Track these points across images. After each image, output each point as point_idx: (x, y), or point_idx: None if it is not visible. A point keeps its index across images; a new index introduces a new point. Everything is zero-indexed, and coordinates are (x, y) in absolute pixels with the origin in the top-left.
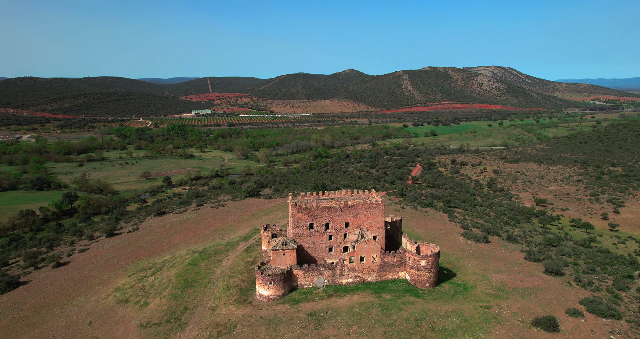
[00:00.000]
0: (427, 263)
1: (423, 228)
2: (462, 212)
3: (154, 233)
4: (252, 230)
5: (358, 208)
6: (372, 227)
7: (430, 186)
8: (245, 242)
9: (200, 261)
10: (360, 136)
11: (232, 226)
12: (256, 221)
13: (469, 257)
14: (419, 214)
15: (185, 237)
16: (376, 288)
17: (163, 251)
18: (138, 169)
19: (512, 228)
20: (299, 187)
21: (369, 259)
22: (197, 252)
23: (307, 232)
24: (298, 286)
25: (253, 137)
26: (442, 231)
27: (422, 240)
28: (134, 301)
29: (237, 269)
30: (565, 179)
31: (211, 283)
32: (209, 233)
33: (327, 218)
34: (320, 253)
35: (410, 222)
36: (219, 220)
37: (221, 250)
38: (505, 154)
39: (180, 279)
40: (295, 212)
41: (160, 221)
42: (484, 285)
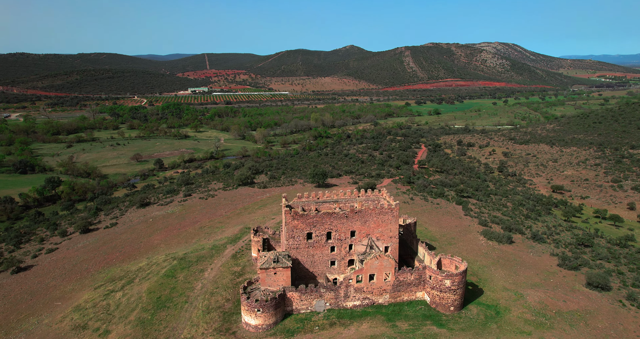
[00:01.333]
0: (453, 283)
1: (437, 225)
2: (477, 204)
3: (133, 230)
4: (242, 229)
5: (367, 214)
6: (384, 236)
7: (438, 171)
8: (234, 245)
9: (179, 271)
10: (361, 115)
11: (221, 223)
12: (248, 216)
13: (495, 264)
14: (430, 206)
15: (166, 236)
16: (389, 313)
17: (140, 254)
18: (129, 151)
19: (533, 222)
20: (297, 174)
21: (380, 278)
22: (176, 259)
23: (304, 244)
24: (293, 310)
25: (250, 117)
26: (459, 228)
27: (438, 241)
28: (92, 328)
29: (221, 283)
30: (581, 162)
31: (189, 302)
32: (193, 232)
33: (328, 226)
34: (320, 267)
35: (422, 218)
36: (207, 215)
37: (205, 256)
38: (514, 134)
39: (153, 297)
40: (289, 220)
41: (142, 214)
42: (520, 307)
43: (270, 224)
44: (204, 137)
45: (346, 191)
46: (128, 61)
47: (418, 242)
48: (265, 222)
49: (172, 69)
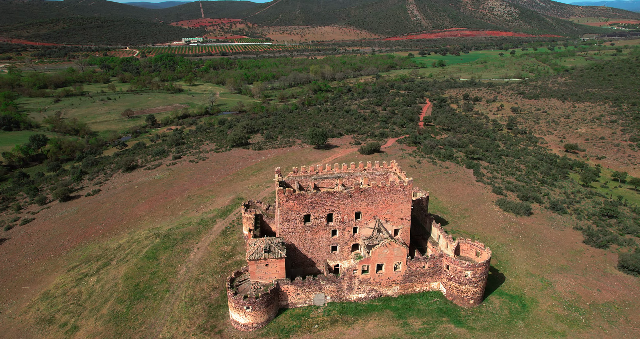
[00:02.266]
0: (475, 274)
1: (448, 194)
2: (489, 167)
3: (116, 199)
4: (234, 200)
5: (375, 193)
6: (394, 218)
7: (445, 129)
8: (224, 219)
9: (162, 251)
10: (363, 67)
11: (211, 192)
12: (240, 184)
13: (515, 242)
14: (439, 171)
15: (151, 206)
16: (399, 308)
17: (121, 228)
18: (120, 106)
19: (550, 188)
20: (295, 134)
21: (389, 268)
22: (159, 236)
23: (300, 227)
24: (289, 305)
25: (247, 69)
26: (472, 197)
27: (450, 214)
28: (59, 322)
29: (208, 266)
30: (595, 119)
31: (170, 291)
32: (181, 202)
33: (329, 207)
34: (319, 253)
35: (431, 185)
36: (196, 181)
37: (191, 233)
38: (522, 88)
39: (130, 285)
40: (283, 201)
41: (127, 179)
42: (549, 298)
43: (264, 194)
44: (199, 91)
45: (352, 165)
46: (118, 9)
47: (432, 221)
48: (259, 192)
49: (165, 17)
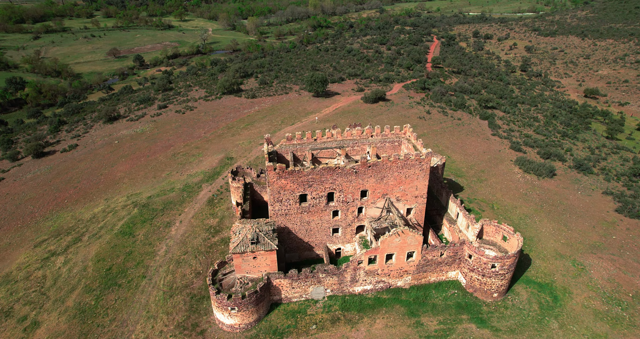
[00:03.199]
0: (503, 266)
1: (461, 151)
2: (504, 118)
3: (94, 156)
4: (223, 160)
5: (384, 168)
6: (407, 196)
7: (455, 72)
8: (211, 184)
9: (139, 225)
10: (365, 0)
11: (198, 149)
12: (230, 140)
13: (539, 212)
14: (451, 123)
15: (132, 166)
16: (411, 302)
17: (97, 192)
18: (106, 44)
19: (572, 143)
20: (292, 78)
21: (401, 258)
22: (137, 206)
23: (295, 208)
24: (282, 299)
25: (241, 2)
26: (488, 155)
27: (465, 176)
28: (18, 316)
29: (191, 245)
30: (619, 59)
31: (147, 277)
32: (164, 161)
33: (330, 186)
34: (318, 236)
35: (443, 140)
36: (182, 136)
37: (174, 201)
38: (537, 24)
39: (101, 268)
40: (274, 179)
41: (108, 132)
42: (584, 288)
43: (256, 153)
44: (190, 28)
45: (355, 130)
46: None
47: (449, 195)
48: (251, 150)
49: None
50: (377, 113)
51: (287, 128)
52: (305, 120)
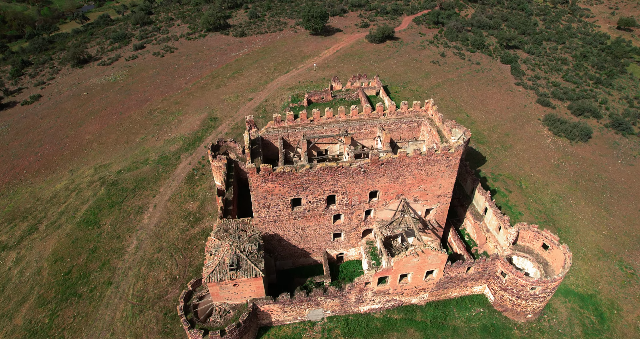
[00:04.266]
0: (545, 289)
1: (481, 108)
2: (529, 61)
3: (60, 112)
4: (205, 121)
5: (401, 166)
6: (427, 195)
7: (471, 0)
8: (191, 153)
9: (106, 211)
10: None
11: (177, 105)
12: (215, 93)
13: (574, 190)
14: (468, 69)
15: (102, 126)
16: (428, 324)
17: (62, 161)
18: None
19: (607, 92)
20: (288, 11)
21: (418, 277)
22: (106, 184)
23: (287, 214)
24: (272, 323)
25: None
26: (512, 112)
27: (487, 143)
28: None
29: (166, 238)
30: None
31: (114, 284)
32: (138, 120)
33: (331, 188)
34: (316, 242)
35: (460, 92)
36: (160, 87)
37: (147, 178)
38: None
39: (59, 271)
40: (257, 183)
41: (76, 79)
42: (637, 303)
43: (245, 111)
44: None
45: (364, 107)
46: None
47: (477, 183)
48: (239, 108)
49: None
50: (384, 57)
51: (281, 78)
52: (301, 66)
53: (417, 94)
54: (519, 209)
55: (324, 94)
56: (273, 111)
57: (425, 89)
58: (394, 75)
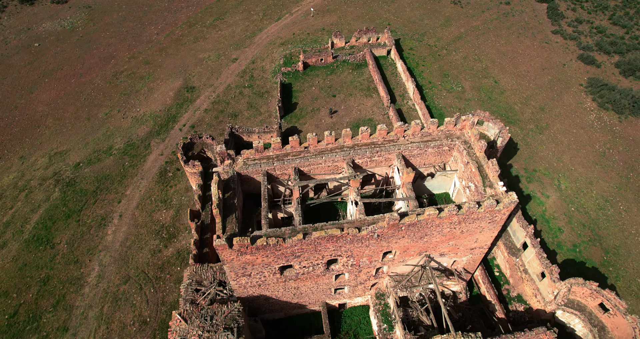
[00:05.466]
0: None
1: (512, 69)
2: None
3: (7, 70)
4: (180, 91)
5: (429, 226)
6: (459, 250)
7: None
8: (164, 139)
9: (62, 223)
10: None
11: (147, 66)
12: (192, 49)
13: (624, 191)
14: (496, 11)
15: (58, 93)
16: None
17: (11, 141)
18: None
19: None
20: None
21: None
22: (61, 184)
23: (274, 279)
24: None
25: None
26: (549, 74)
27: (519, 122)
28: None
29: (134, 263)
30: None
31: (70, 329)
32: (102, 87)
33: (332, 253)
34: (312, 297)
35: (486, 47)
36: (126, 38)
37: (111, 174)
38: None
39: (3, 312)
40: (232, 257)
41: (25, 22)
42: None
43: (227, 79)
44: None
45: (377, 128)
46: None
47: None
48: (221, 71)
49: None
50: None
51: (271, 27)
52: (295, 11)
53: (435, 52)
54: (558, 222)
55: (324, 55)
56: (262, 78)
57: (445, 42)
58: (408, 23)
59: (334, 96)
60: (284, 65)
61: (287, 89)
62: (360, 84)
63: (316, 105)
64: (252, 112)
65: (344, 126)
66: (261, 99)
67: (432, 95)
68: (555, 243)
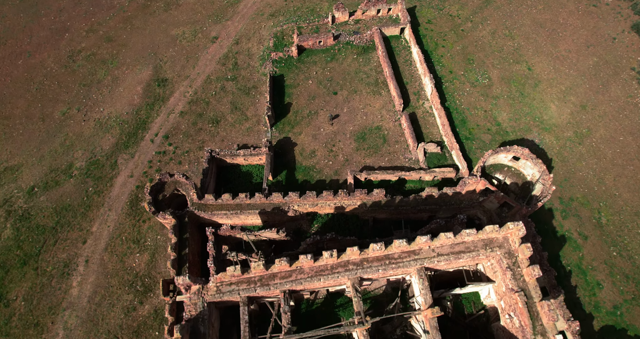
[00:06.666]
0: None
1: (549, 48)
2: None
3: None
4: (150, 85)
5: None
6: None
7: None
8: (132, 155)
9: (17, 273)
10: None
11: (110, 44)
12: (163, 22)
13: None
14: None
15: (5, 78)
16: None
17: None
18: None
19: None
20: None
21: None
22: (12, 217)
23: None
24: None
25: None
26: (594, 55)
27: (555, 127)
28: None
29: (106, 326)
30: None
31: None
32: (56, 72)
33: None
34: None
35: (519, 16)
36: (83, 2)
37: (72, 205)
38: None
39: None
40: None
41: None
42: None
43: (208, 67)
44: None
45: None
46: None
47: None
48: (198, 60)
49: None
50: None
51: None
52: None
53: (458, 25)
54: (596, 274)
55: (322, 37)
56: (248, 66)
57: (471, 10)
58: None
59: (335, 93)
60: (274, 49)
61: (278, 83)
62: (367, 75)
63: (313, 106)
64: (237, 116)
65: (347, 137)
66: (247, 97)
67: (453, 90)
68: (592, 303)
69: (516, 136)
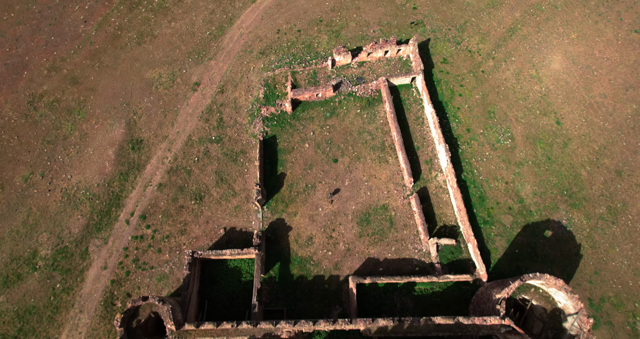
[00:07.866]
0: None
1: (582, 93)
2: None
3: None
4: (123, 147)
5: None
6: None
7: None
8: (105, 240)
9: None
10: None
11: (76, 87)
12: (136, 60)
13: None
14: None
15: None
16: None
17: None
18: None
19: None
20: None
21: None
22: None
23: None
24: None
25: None
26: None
27: (585, 200)
28: None
29: None
30: None
31: None
32: (15, 123)
33: None
34: None
35: (549, 47)
36: (43, 29)
37: (37, 307)
38: None
39: None
40: None
41: None
42: None
43: (191, 124)
44: None
45: None
46: None
47: None
48: (177, 115)
49: None
50: None
51: (246, 18)
52: None
53: (477, 64)
54: None
55: (321, 89)
56: (235, 123)
57: (493, 43)
58: (438, 8)
59: (335, 160)
60: (264, 102)
61: (269, 146)
62: (372, 136)
63: (310, 177)
64: (224, 190)
65: (349, 219)
66: (235, 164)
67: (471, 155)
68: None
69: (541, 216)
